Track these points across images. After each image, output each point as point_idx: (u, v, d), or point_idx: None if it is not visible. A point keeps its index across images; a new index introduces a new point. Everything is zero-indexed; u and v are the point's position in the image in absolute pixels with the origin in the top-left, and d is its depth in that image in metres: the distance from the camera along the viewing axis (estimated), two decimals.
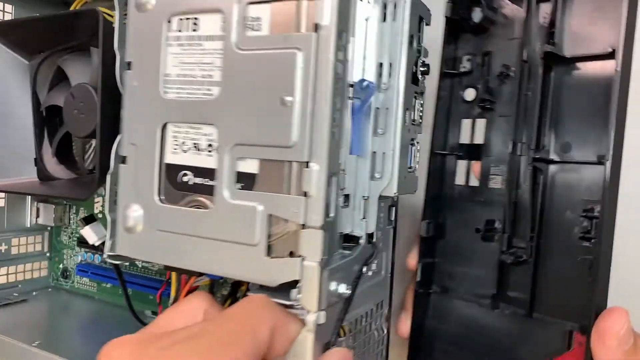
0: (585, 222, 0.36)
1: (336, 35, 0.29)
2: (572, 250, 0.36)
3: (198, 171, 0.34)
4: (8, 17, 0.54)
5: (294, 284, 0.30)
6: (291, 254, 0.30)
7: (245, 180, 0.32)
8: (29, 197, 0.57)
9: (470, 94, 0.40)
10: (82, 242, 0.49)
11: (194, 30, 0.34)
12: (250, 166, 0.32)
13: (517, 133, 0.37)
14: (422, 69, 0.37)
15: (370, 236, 0.35)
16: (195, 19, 0.34)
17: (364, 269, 0.34)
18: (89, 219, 0.44)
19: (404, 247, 0.42)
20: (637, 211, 0.37)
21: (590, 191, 0.36)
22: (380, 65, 0.34)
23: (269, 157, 0.31)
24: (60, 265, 0.58)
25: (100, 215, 0.54)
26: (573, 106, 0.37)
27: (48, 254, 0.59)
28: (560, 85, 0.37)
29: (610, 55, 0.34)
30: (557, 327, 0.36)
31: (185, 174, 0.34)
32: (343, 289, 0.31)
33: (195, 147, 0.34)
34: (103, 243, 0.38)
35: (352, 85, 0.32)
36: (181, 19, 0.34)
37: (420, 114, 0.37)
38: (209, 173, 0.33)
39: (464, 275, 0.41)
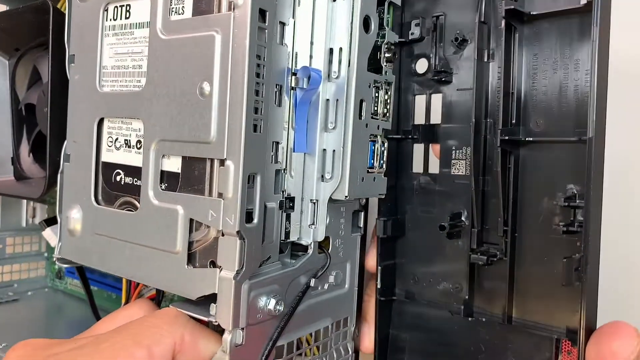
0: (567, 212, 0.30)
1: (253, 15, 0.25)
2: (553, 246, 0.30)
3: (129, 170, 0.31)
4: None
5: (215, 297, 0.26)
6: (213, 264, 0.27)
7: (170, 181, 0.29)
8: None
9: (422, 66, 0.34)
10: None
11: (127, 17, 0.31)
12: (174, 164, 0.29)
13: (480, 109, 0.32)
14: (387, 55, 0.32)
15: (322, 244, 0.31)
16: (128, 5, 0.31)
17: (312, 282, 0.30)
18: (51, 221, 0.42)
19: None
20: (626, 199, 0.30)
21: (571, 175, 0.29)
22: (331, 51, 0.30)
23: (189, 154, 0.27)
24: (56, 266, 0.58)
25: None
26: (544, 73, 0.30)
27: (46, 254, 0.59)
28: (528, 49, 0.31)
29: (586, 9, 0.27)
30: (541, 334, 0.31)
31: (118, 173, 0.32)
32: (272, 304, 0.27)
33: (126, 144, 0.31)
34: None
35: (295, 74, 0.29)
36: (116, 7, 0.32)
37: (387, 107, 0.33)
38: (138, 172, 0.30)
39: (431, 278, 0.35)
